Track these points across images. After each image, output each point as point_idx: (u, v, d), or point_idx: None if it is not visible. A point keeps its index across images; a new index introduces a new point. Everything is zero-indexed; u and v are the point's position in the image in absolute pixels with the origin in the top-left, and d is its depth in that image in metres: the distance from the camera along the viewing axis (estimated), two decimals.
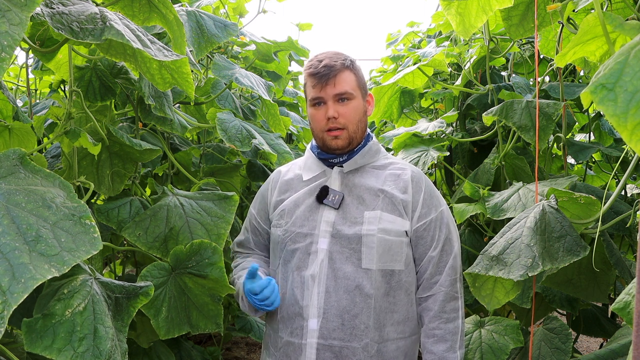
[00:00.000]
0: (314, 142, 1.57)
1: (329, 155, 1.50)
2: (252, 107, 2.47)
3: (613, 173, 1.80)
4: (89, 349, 0.89)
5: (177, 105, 2.06)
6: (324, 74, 1.42)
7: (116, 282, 1.08)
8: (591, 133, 2.63)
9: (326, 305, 1.39)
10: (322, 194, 1.46)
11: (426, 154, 2.20)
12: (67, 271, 0.73)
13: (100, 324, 0.94)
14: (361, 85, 1.48)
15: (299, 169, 1.57)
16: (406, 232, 1.44)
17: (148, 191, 1.95)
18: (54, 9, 1.03)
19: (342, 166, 1.49)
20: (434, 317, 1.44)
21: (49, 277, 0.71)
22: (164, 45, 1.19)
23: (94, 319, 0.94)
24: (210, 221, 1.56)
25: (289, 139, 3.67)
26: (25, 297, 0.68)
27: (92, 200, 1.83)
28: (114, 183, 1.66)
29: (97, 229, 0.81)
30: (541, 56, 2.24)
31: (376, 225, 1.40)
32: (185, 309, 1.47)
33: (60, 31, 0.99)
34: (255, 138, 1.85)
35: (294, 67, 3.06)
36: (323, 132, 1.46)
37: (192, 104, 2.10)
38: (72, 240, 0.77)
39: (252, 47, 2.42)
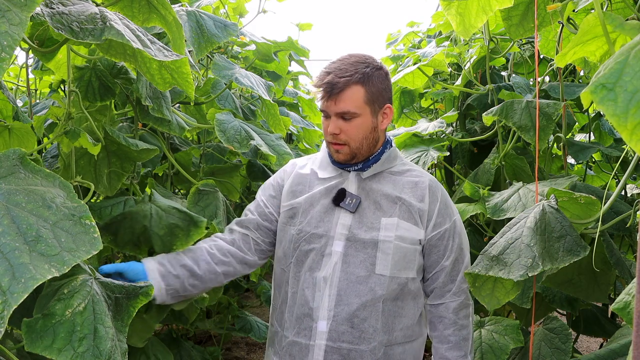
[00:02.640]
0: None
1: (342, 165, 1.48)
2: (252, 107, 2.47)
3: (613, 173, 1.80)
4: (89, 349, 0.89)
5: (177, 105, 2.06)
6: (326, 90, 1.36)
7: (116, 282, 1.08)
8: (591, 133, 2.63)
9: (337, 308, 1.38)
10: (339, 197, 1.44)
11: (426, 154, 2.20)
12: (67, 271, 0.73)
13: (100, 324, 0.93)
14: (372, 100, 1.39)
15: (315, 165, 1.56)
16: (420, 240, 1.44)
17: (148, 190, 1.95)
18: (53, 9, 1.02)
19: (361, 170, 1.47)
20: (448, 324, 1.46)
21: (49, 277, 0.71)
22: (164, 46, 1.19)
23: (94, 319, 0.93)
24: (168, 239, 1.51)
25: (289, 139, 3.67)
26: (25, 297, 0.68)
27: (92, 200, 1.82)
28: (111, 182, 1.65)
29: (97, 229, 0.81)
30: (541, 56, 2.24)
31: (393, 232, 1.40)
32: None
33: (60, 31, 0.99)
34: (254, 139, 1.84)
35: (294, 67, 3.06)
36: (328, 143, 1.45)
37: (192, 104, 2.10)
38: (72, 240, 0.77)
39: (252, 47, 2.42)
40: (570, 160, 2.35)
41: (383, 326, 1.39)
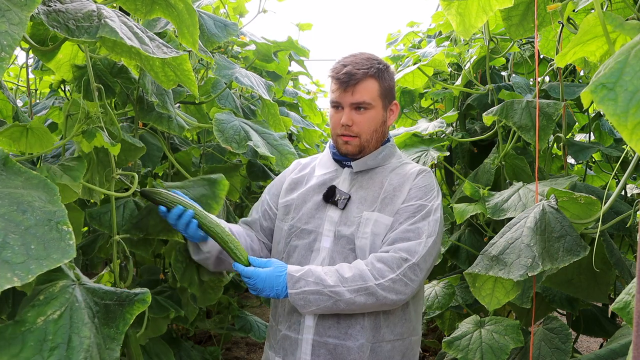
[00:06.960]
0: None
1: (342, 158, 1.51)
2: (252, 107, 2.47)
3: (613, 173, 1.80)
4: None
5: (177, 105, 2.06)
6: (344, 80, 1.41)
7: (106, 287, 1.04)
8: (591, 133, 2.63)
9: None
10: (329, 194, 1.46)
11: (426, 154, 2.20)
12: (30, 280, 0.69)
13: (75, 333, 0.88)
14: (384, 94, 1.45)
15: (316, 163, 1.60)
16: None
17: (152, 181, 1.94)
18: (50, 7, 1.01)
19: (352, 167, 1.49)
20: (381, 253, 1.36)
21: (8, 286, 0.66)
22: (165, 43, 1.18)
23: (70, 327, 0.88)
24: (203, 208, 1.56)
25: (289, 139, 3.66)
26: None
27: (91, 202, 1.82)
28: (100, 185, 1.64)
29: (72, 235, 0.76)
30: (541, 56, 2.24)
31: (370, 227, 1.40)
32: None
33: (56, 29, 0.97)
34: (251, 140, 1.82)
35: (294, 67, 3.05)
36: (337, 135, 1.47)
37: (196, 101, 2.09)
38: (43, 248, 0.72)
39: (252, 47, 2.42)
40: (570, 160, 2.36)
41: (370, 323, 1.39)
